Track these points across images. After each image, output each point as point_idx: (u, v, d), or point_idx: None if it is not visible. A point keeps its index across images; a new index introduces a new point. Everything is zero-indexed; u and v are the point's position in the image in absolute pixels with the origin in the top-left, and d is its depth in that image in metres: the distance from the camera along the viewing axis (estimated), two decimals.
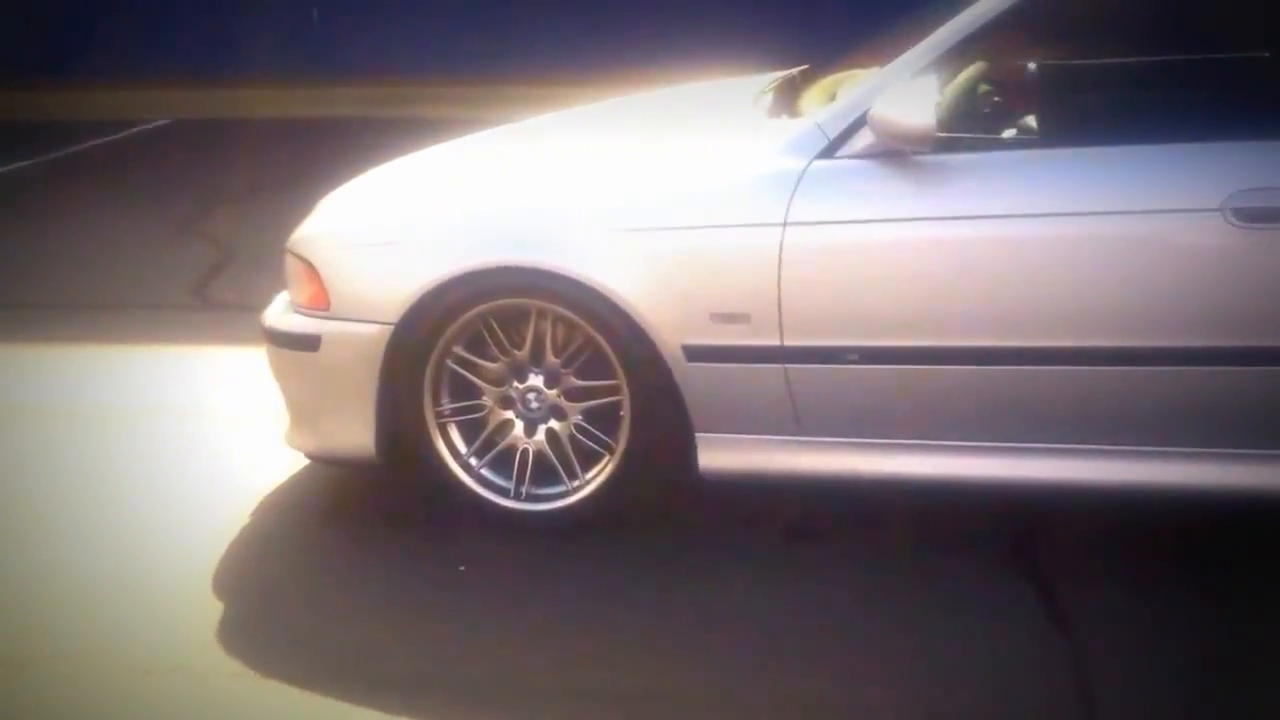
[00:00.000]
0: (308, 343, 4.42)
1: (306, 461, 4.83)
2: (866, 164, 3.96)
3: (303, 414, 4.56)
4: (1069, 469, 3.96)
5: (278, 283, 4.78)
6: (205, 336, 6.49)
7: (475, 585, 4.15)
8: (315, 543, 4.49)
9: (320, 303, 4.42)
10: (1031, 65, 3.98)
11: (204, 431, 5.36)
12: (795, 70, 5.15)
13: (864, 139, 3.96)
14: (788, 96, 4.65)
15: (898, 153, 3.93)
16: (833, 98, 4.37)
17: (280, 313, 4.61)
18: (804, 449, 4.13)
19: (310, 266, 4.44)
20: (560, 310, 4.19)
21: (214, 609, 4.09)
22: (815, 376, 4.06)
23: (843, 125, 4.00)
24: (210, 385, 5.87)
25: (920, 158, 3.92)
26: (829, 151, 4.00)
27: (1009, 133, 4.08)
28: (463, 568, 4.23)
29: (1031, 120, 3.96)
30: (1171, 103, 3.97)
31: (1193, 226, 3.75)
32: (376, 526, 4.53)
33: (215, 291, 7.26)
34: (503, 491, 4.38)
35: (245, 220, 8.67)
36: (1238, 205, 3.71)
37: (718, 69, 5.98)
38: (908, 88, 3.88)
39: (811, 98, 4.53)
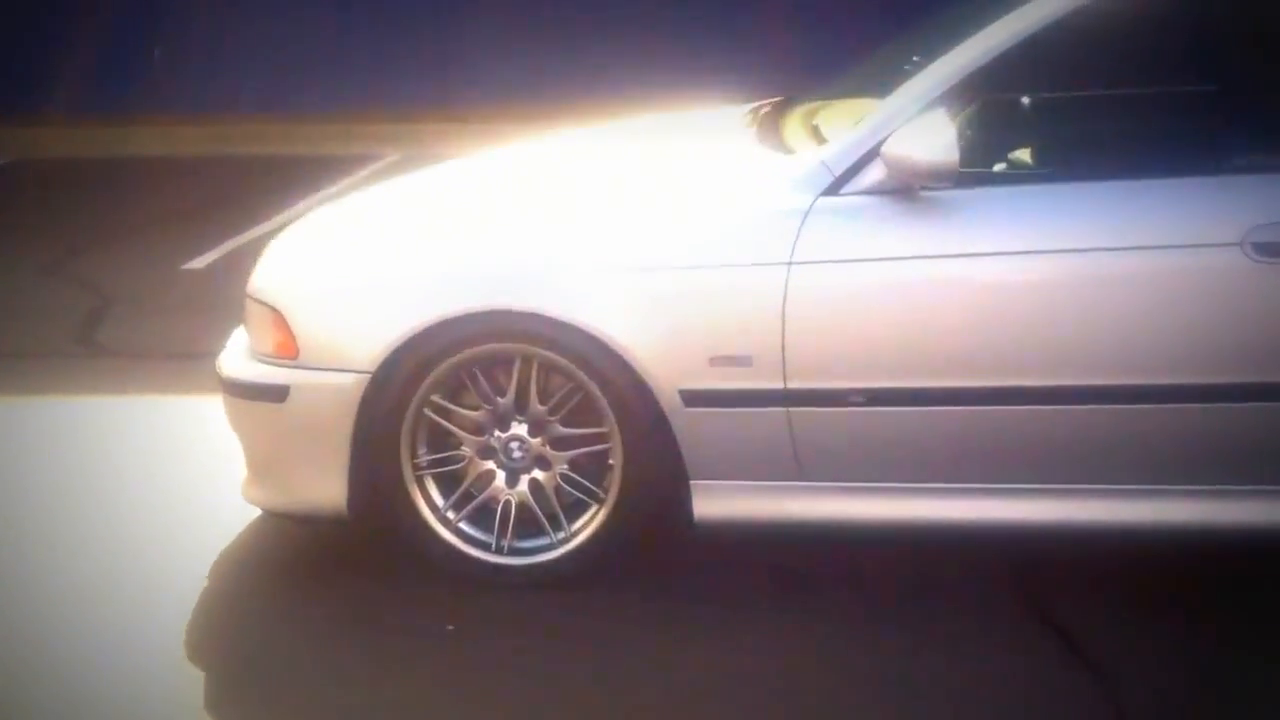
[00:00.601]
0: (274, 393, 4.19)
1: (253, 516, 4.60)
2: (874, 201, 3.88)
3: (266, 467, 4.32)
4: (1088, 510, 3.91)
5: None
6: (102, 385, 6.17)
7: (466, 646, 3.96)
8: (288, 603, 4.24)
9: (287, 351, 4.19)
10: (1041, 97, 3.93)
11: (140, 485, 5.05)
12: (772, 101, 5.05)
13: (872, 175, 3.88)
14: (772, 129, 4.55)
15: (906, 189, 3.85)
16: (817, 130, 4.29)
17: (239, 360, 4.37)
18: (804, 494, 4.02)
19: (276, 313, 4.21)
20: (549, 355, 4.03)
21: (195, 679, 3.86)
22: (818, 420, 3.95)
23: (849, 161, 3.91)
24: (131, 436, 5.55)
25: (931, 194, 3.84)
26: (834, 188, 3.91)
27: (1019, 168, 4.02)
28: (451, 627, 4.03)
29: (1041, 154, 3.91)
30: (1188, 135, 3.95)
31: (1212, 262, 3.73)
32: (351, 584, 4.29)
33: (102, 337, 6.90)
34: (483, 546, 4.19)
35: (114, 262, 8.29)
36: (1257, 240, 3.70)
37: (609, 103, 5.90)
38: (923, 123, 3.80)
39: (797, 130, 4.44)
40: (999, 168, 3.94)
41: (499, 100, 11.29)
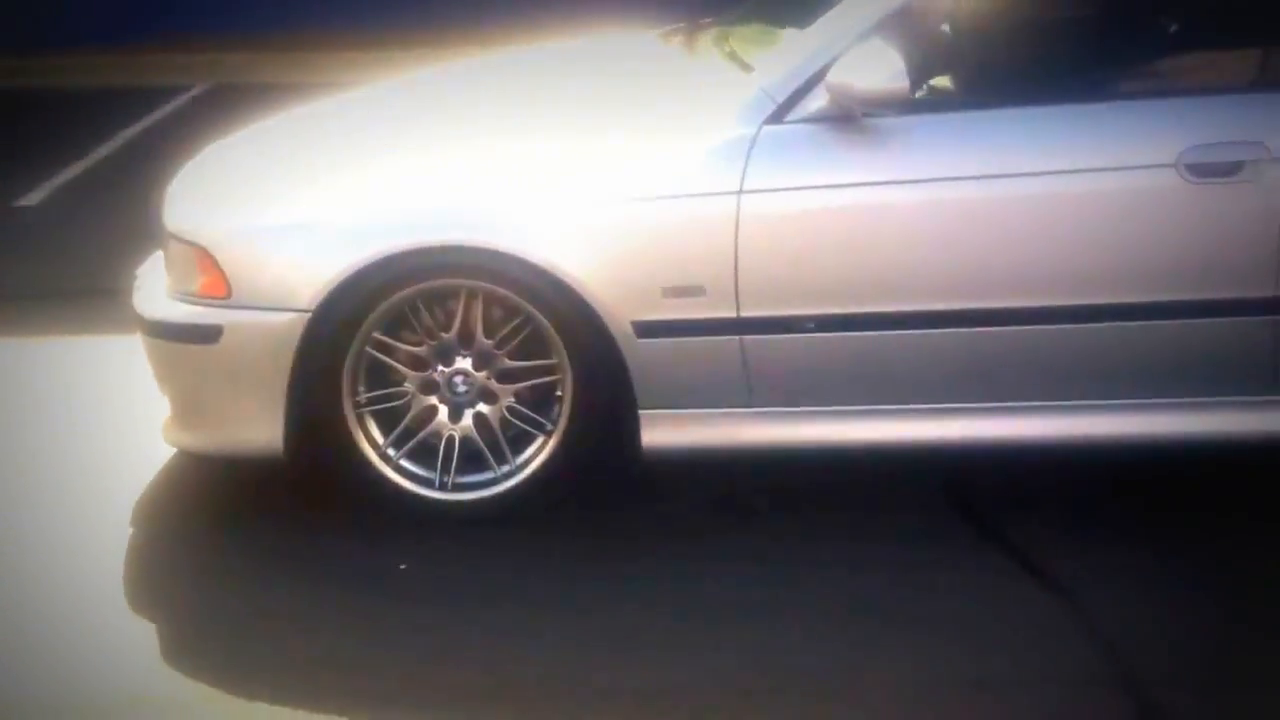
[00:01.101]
0: (205, 334, 4.06)
1: (167, 458, 4.49)
2: (819, 128, 3.91)
3: (194, 409, 4.20)
4: (1031, 426, 4.02)
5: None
6: None
7: (421, 584, 3.92)
8: (227, 549, 4.13)
9: (217, 290, 4.06)
10: (976, 23, 4.00)
11: (39, 432, 4.86)
12: (681, 28, 5.04)
13: (815, 102, 3.91)
14: (696, 56, 4.55)
15: (848, 115, 3.90)
16: (739, 58, 4.31)
17: (160, 301, 4.22)
18: (755, 420, 4.06)
19: (203, 252, 4.07)
20: (497, 290, 3.98)
21: (149, 634, 3.74)
22: (771, 347, 3.99)
23: (791, 89, 3.93)
24: (19, 381, 5.32)
25: (873, 120, 3.89)
26: (778, 116, 3.93)
27: (956, 94, 4.08)
28: (403, 566, 3.99)
29: (979, 80, 3.98)
30: (1123, 59, 4.06)
31: (1148, 183, 3.86)
32: (290, 527, 4.20)
33: None
34: (426, 483, 4.14)
35: None
36: (1190, 161, 3.83)
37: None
38: (866, 50, 3.84)
39: (723, 58, 4.44)
40: (935, 95, 3.99)
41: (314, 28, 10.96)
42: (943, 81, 3.91)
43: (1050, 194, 3.88)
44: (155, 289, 4.32)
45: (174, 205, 4.32)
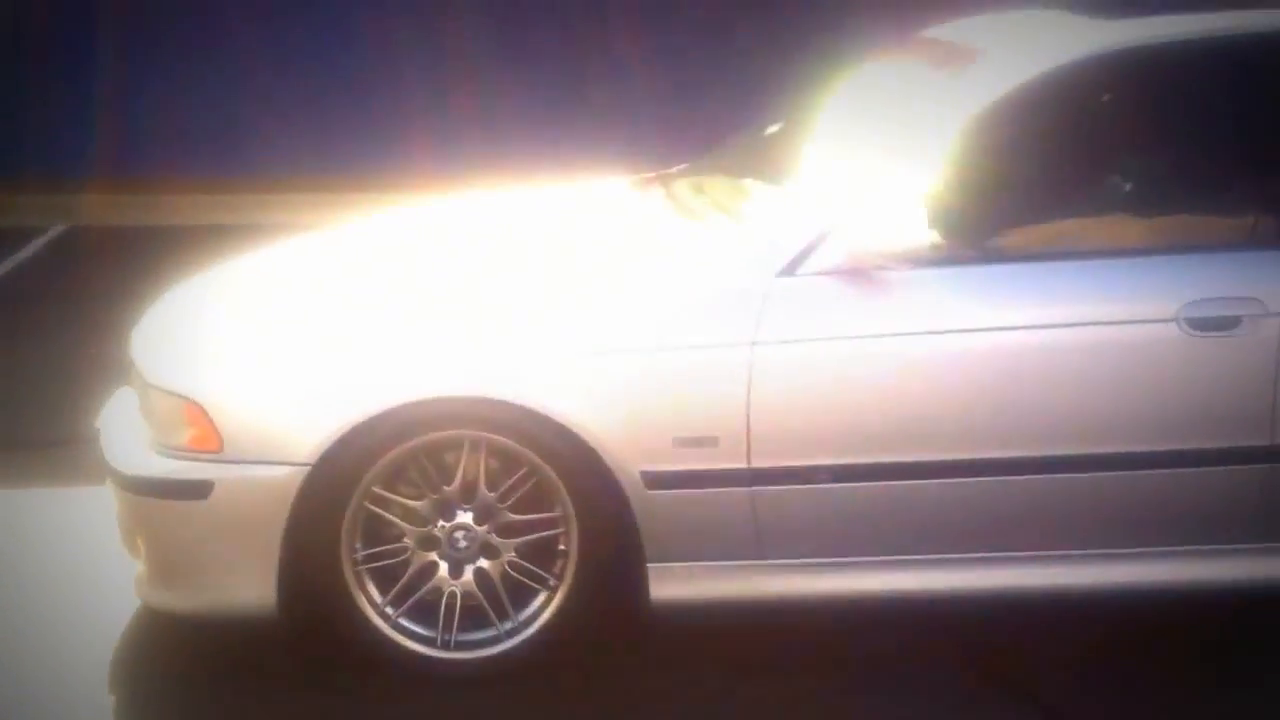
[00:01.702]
0: (195, 490, 3.90)
1: (129, 617, 4.28)
2: (832, 280, 3.92)
3: (178, 568, 4.01)
4: (1042, 575, 4.02)
5: None
6: None
7: None
8: (222, 711, 3.94)
9: (208, 444, 3.91)
10: (983, 179, 4.05)
11: None
12: (655, 176, 5.03)
13: (826, 256, 3.92)
14: (683, 205, 4.54)
15: (860, 268, 3.91)
16: (728, 207, 4.35)
17: (140, 454, 4.04)
18: (765, 573, 4.01)
19: (193, 404, 3.93)
20: (503, 441, 3.89)
21: None
22: (781, 498, 3.95)
23: (803, 243, 3.94)
24: None
25: (886, 273, 3.91)
26: (790, 269, 3.93)
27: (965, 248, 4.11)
28: None
29: (987, 235, 4.03)
30: (1126, 216, 4.14)
31: (1151, 335, 3.92)
32: (286, 694, 4.01)
33: None
34: (427, 641, 4.00)
35: None
36: (1190, 315, 3.91)
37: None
38: (877, 206, 3.88)
39: (712, 208, 4.45)
40: (944, 248, 4.03)
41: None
42: (951, 236, 3.93)
43: (1060, 346, 3.92)
44: (124, 440, 4.15)
45: (153, 356, 4.16)
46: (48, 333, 7.23)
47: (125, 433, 4.22)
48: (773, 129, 4.97)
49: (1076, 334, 3.94)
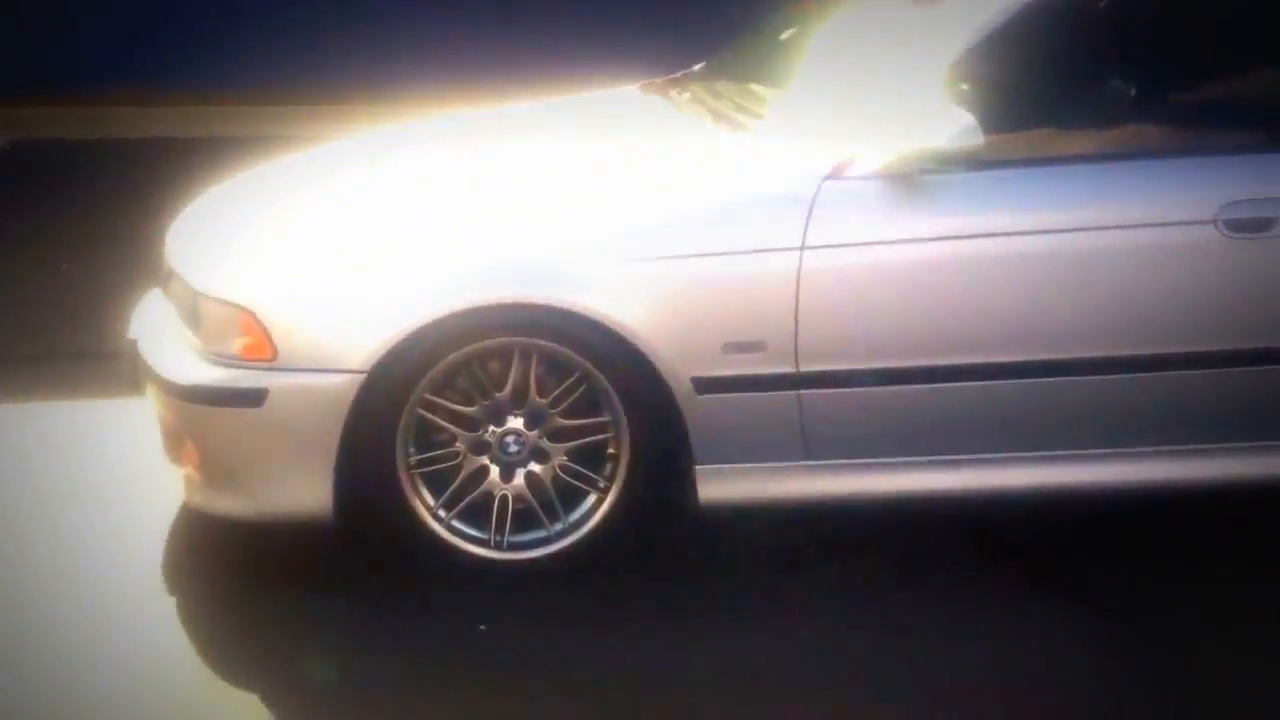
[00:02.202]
0: (249, 398, 3.94)
1: (170, 525, 4.35)
2: (878, 184, 3.96)
3: (233, 474, 4.05)
4: (1086, 474, 4.12)
5: None
6: None
7: (506, 645, 3.86)
8: (284, 619, 3.98)
9: (262, 353, 3.95)
10: (1024, 82, 4.10)
11: (48, 501, 4.64)
12: (672, 80, 5.07)
13: (874, 159, 3.96)
14: (716, 110, 4.57)
15: (907, 171, 3.96)
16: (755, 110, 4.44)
17: (191, 363, 4.07)
18: (810, 473, 4.09)
19: (245, 313, 3.96)
20: (555, 347, 3.94)
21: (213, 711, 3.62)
22: (828, 401, 4.02)
23: (848, 146, 3.98)
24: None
25: (929, 176, 3.96)
26: (837, 173, 3.97)
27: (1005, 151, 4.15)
28: (482, 627, 3.91)
29: (1027, 138, 4.07)
30: (1165, 118, 4.20)
31: (1190, 237, 4.00)
32: (345, 593, 4.09)
33: None
34: (481, 543, 4.08)
35: None
36: (1228, 217, 3.98)
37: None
38: (928, 108, 3.91)
39: (748, 109, 4.48)
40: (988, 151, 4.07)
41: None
42: (994, 138, 3.97)
43: (1101, 248, 3.99)
44: (169, 349, 4.18)
45: (201, 264, 4.18)
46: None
47: (169, 341, 4.23)
48: (788, 33, 4.99)
49: (1120, 236, 4.00)
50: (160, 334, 4.32)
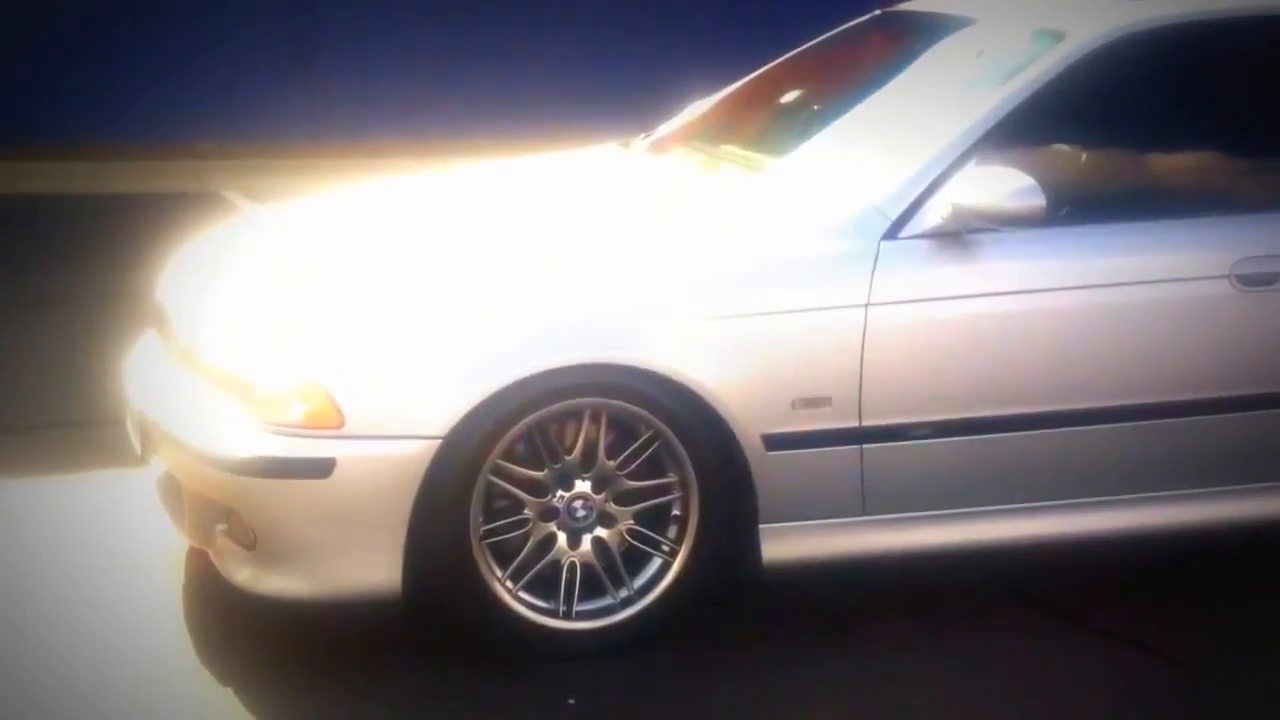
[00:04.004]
0: (315, 469, 3.79)
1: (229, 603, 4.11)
2: (936, 243, 4.09)
3: (290, 551, 3.88)
4: (1116, 519, 4.27)
5: None
6: None
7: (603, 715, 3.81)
8: (363, 696, 3.83)
9: (328, 421, 3.80)
10: (1053, 146, 4.31)
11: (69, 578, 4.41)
12: (657, 139, 5.15)
13: (930, 219, 4.08)
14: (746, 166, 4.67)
15: (954, 232, 4.09)
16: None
17: (244, 434, 3.87)
18: (869, 528, 4.14)
19: (312, 382, 3.81)
20: (626, 407, 3.91)
21: None
22: (887, 454, 4.09)
23: (903, 206, 4.10)
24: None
25: (979, 236, 4.10)
26: (893, 232, 4.08)
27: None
28: (571, 701, 3.82)
29: (1055, 200, 4.25)
30: (1182, 181, 4.44)
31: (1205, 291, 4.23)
32: (415, 670, 3.96)
33: None
34: (548, 613, 3.98)
35: None
36: (1241, 272, 4.22)
37: None
38: (983, 169, 4.06)
39: (776, 174, 4.59)
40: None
41: None
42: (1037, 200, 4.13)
43: (1142, 302, 4.19)
44: (200, 417, 4.00)
45: (234, 329, 4.06)
46: None
47: (195, 410, 4.05)
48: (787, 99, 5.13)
49: (1155, 290, 4.20)
50: (176, 401, 4.13)
